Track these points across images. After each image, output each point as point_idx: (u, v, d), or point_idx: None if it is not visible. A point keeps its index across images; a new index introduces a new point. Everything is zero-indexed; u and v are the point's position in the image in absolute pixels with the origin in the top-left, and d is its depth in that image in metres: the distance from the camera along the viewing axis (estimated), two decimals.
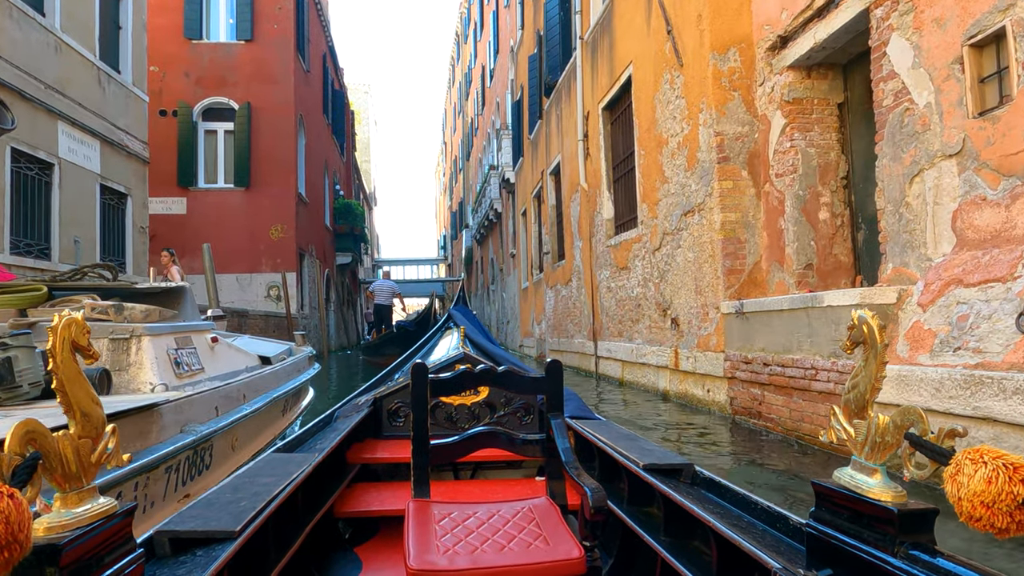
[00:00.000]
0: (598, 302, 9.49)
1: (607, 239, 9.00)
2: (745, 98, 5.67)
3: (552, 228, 12.85)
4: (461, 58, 35.20)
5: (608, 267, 8.93)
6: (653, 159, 7.09)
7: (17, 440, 0.77)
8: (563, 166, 11.58)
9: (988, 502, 0.73)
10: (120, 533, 0.92)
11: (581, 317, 10.54)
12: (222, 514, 1.30)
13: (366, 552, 1.98)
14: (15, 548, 0.67)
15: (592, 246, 9.73)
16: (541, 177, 13.54)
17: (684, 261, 6.34)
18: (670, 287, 6.73)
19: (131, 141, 12.46)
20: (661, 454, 1.86)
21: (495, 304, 24.10)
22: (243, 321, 11.50)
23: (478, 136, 28.87)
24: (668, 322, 6.80)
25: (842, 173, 5.20)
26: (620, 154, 8.80)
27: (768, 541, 1.27)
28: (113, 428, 0.92)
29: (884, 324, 1.15)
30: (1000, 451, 0.77)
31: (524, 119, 15.82)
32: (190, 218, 16.04)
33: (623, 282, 8.31)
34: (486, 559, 1.22)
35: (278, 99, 16.54)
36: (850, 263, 5.17)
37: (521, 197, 16.73)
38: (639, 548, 1.78)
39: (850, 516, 0.98)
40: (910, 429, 0.90)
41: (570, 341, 11.26)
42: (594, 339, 9.70)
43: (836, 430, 1.02)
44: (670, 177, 6.64)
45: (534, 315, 14.90)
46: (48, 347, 0.85)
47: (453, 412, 2.48)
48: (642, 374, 7.66)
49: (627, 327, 8.18)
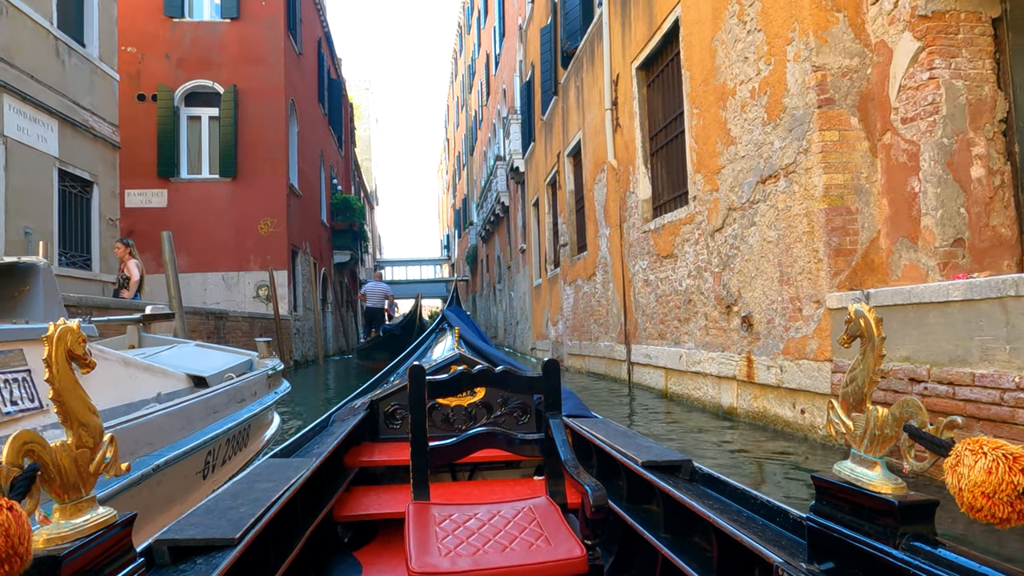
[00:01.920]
0: (631, 298, 8.08)
1: (643, 223, 7.58)
2: (853, 21, 4.25)
3: (570, 217, 11.43)
4: (464, 50, 34.25)
5: (645, 256, 7.51)
6: (712, 117, 5.68)
7: (15, 451, 0.77)
8: (584, 144, 10.16)
9: (989, 492, 0.73)
10: (120, 543, 0.92)
11: (608, 317, 9.12)
12: (221, 521, 1.27)
13: (366, 555, 1.96)
14: (15, 561, 0.67)
15: (623, 233, 8.32)
16: (557, 160, 12.12)
17: (761, 242, 4.93)
18: (738, 277, 5.31)
19: (98, 123, 11.10)
20: (659, 451, 1.83)
21: (502, 304, 22.68)
22: (222, 324, 10.12)
23: (482, 129, 27.65)
24: (734, 321, 5.38)
25: (1000, 115, 3.78)
26: (659, 121, 7.39)
27: (769, 535, 1.25)
28: (111, 437, 0.91)
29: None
30: (999, 441, 0.76)
31: (535, 100, 14.42)
32: (171, 212, 14.69)
33: (666, 273, 6.90)
34: (488, 560, 1.21)
35: (267, 82, 15.18)
36: (1015, 237, 3.75)
37: (532, 186, 15.32)
38: (639, 545, 1.75)
39: (851, 509, 0.99)
40: (909, 421, 0.90)
41: (594, 344, 9.84)
42: (626, 342, 8.29)
43: (834, 423, 1.02)
44: (738, 136, 5.22)
45: (549, 315, 13.49)
46: (44, 357, 0.84)
47: (450, 413, 2.46)
48: (695, 385, 6.24)
49: (672, 328, 6.77)
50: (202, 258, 14.74)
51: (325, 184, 21.37)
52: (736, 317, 5.37)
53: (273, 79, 15.22)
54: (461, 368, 1.63)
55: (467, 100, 33.82)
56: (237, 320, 10.95)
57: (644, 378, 7.69)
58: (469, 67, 32.12)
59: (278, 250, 15.06)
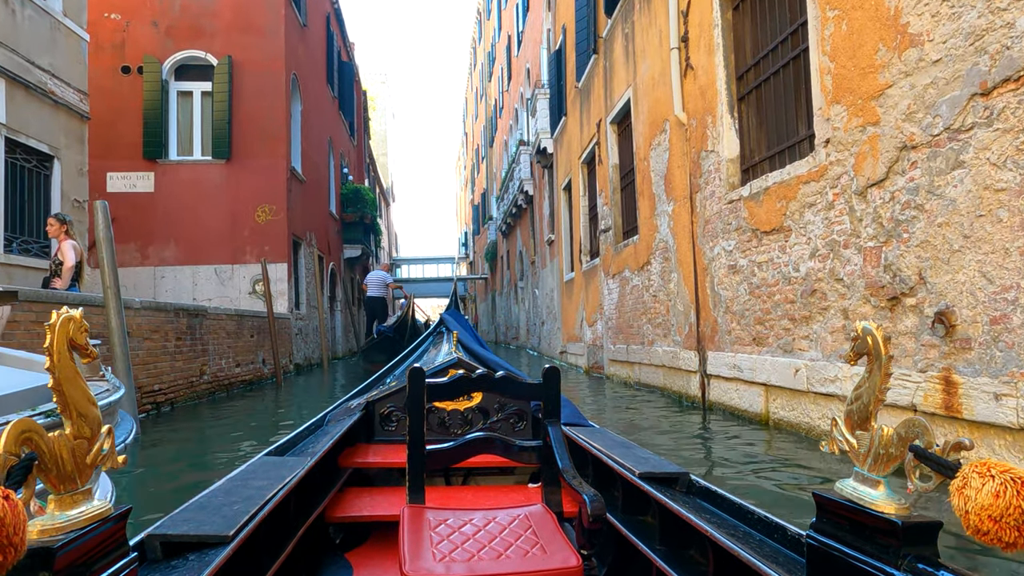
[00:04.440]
0: (707, 291, 6.21)
1: (729, 191, 5.71)
2: None
3: (613, 197, 9.57)
4: (483, 36, 32.86)
5: (732, 234, 5.64)
6: (868, 13, 3.79)
7: (12, 440, 0.75)
8: (636, 104, 8.29)
9: (996, 516, 0.72)
10: (114, 536, 0.90)
11: (670, 315, 7.26)
12: (215, 518, 1.25)
13: (357, 558, 1.93)
14: (9, 551, 0.66)
15: (694, 207, 6.46)
16: (596, 131, 10.27)
17: (976, 193, 3.04)
18: (919, 252, 3.43)
19: (60, 87, 9.49)
20: (656, 462, 1.79)
21: (524, 303, 20.85)
22: (197, 324, 8.43)
23: (503, 117, 26.03)
24: (908, 320, 3.50)
25: None
26: (750, 53, 5.51)
27: (766, 551, 1.22)
28: (109, 429, 0.89)
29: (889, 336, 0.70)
30: (1007, 464, 0.75)
31: (567, 68, 12.58)
32: (159, 197, 13.10)
33: (769, 255, 5.03)
34: (483, 567, 1.19)
35: (266, 53, 13.54)
36: None
37: (563, 167, 13.47)
38: (634, 557, 1.71)
39: (852, 528, 0.97)
40: (915, 441, 0.88)
41: (647, 350, 7.98)
42: (698, 348, 6.42)
43: (838, 441, 1.00)
44: (926, 30, 3.34)
45: (584, 314, 11.63)
46: (46, 345, 0.83)
47: (446, 417, 2.42)
48: (823, 412, 4.36)
49: (780, 330, 4.89)
50: (192, 249, 13.13)
51: (335, 173, 19.73)
52: (913, 314, 3.48)
53: (272, 50, 13.58)
54: (460, 372, 1.63)
55: (487, 89, 32.37)
56: (219, 318, 9.25)
57: (728, 397, 5.81)
58: (488, 53, 30.72)
59: (277, 240, 13.41)
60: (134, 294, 12.67)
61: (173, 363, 7.58)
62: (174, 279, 13.13)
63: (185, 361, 7.89)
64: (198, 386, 8.23)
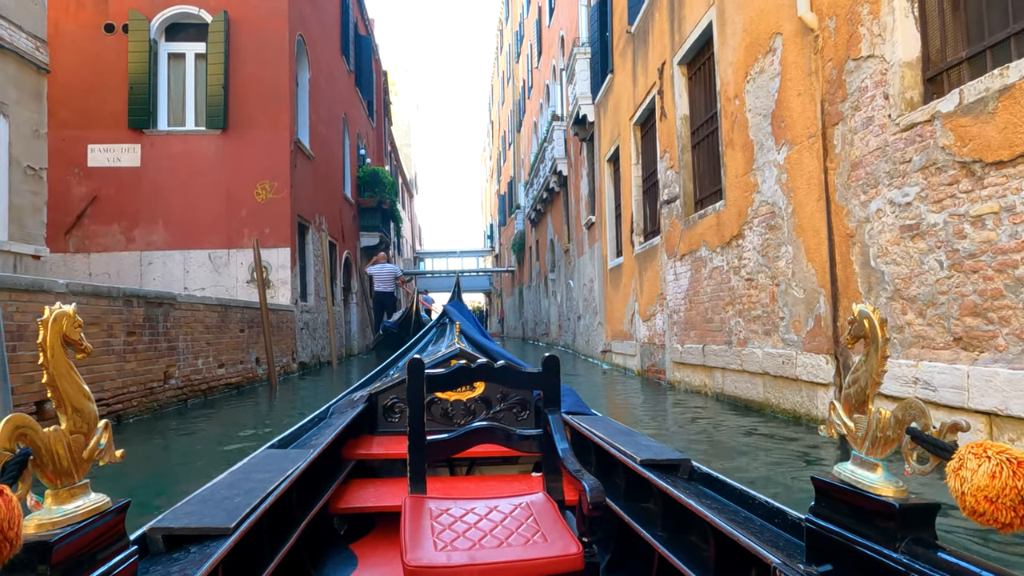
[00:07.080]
0: (854, 267, 4.24)
1: (904, 112, 3.72)
2: None
3: (683, 156, 7.58)
4: (511, 16, 30.94)
5: (912, 177, 3.65)
6: None
7: (7, 436, 0.75)
8: (724, 26, 6.30)
9: (992, 497, 0.71)
10: (113, 530, 0.90)
11: (776, 306, 5.29)
12: (217, 510, 1.26)
13: (362, 548, 1.94)
14: (5, 546, 0.66)
15: (833, 145, 4.48)
16: (659, 78, 8.27)
17: None
18: None
19: (10, 32, 7.89)
20: (658, 449, 1.79)
21: (556, 296, 18.91)
22: (160, 315, 6.70)
23: (531, 99, 24.21)
24: None
25: None
26: None
27: (767, 536, 1.23)
28: (106, 423, 0.89)
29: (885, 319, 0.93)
30: (1003, 445, 0.74)
31: (615, 15, 10.61)
32: (146, 172, 11.51)
33: (1007, 199, 3.05)
34: (484, 555, 1.19)
35: (266, 8, 11.85)
36: None
37: (608, 135, 11.50)
38: (636, 543, 1.73)
39: (850, 511, 0.97)
40: (911, 424, 0.88)
41: (735, 351, 6.01)
42: (833, 351, 4.45)
43: (836, 425, 1.01)
44: None
45: (637, 306, 9.66)
46: (39, 341, 0.82)
47: (449, 408, 2.44)
48: None
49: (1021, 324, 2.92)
50: (184, 232, 11.50)
51: (351, 153, 18.03)
52: None
53: (274, 5, 11.88)
54: (461, 363, 1.61)
55: (514, 71, 30.59)
56: (194, 309, 7.52)
57: None
58: (516, 33, 28.95)
59: (279, 221, 11.72)
60: (117, 282, 11.07)
61: (122, 365, 5.87)
62: (163, 265, 11.52)
63: (141, 362, 6.18)
64: (161, 393, 6.53)
